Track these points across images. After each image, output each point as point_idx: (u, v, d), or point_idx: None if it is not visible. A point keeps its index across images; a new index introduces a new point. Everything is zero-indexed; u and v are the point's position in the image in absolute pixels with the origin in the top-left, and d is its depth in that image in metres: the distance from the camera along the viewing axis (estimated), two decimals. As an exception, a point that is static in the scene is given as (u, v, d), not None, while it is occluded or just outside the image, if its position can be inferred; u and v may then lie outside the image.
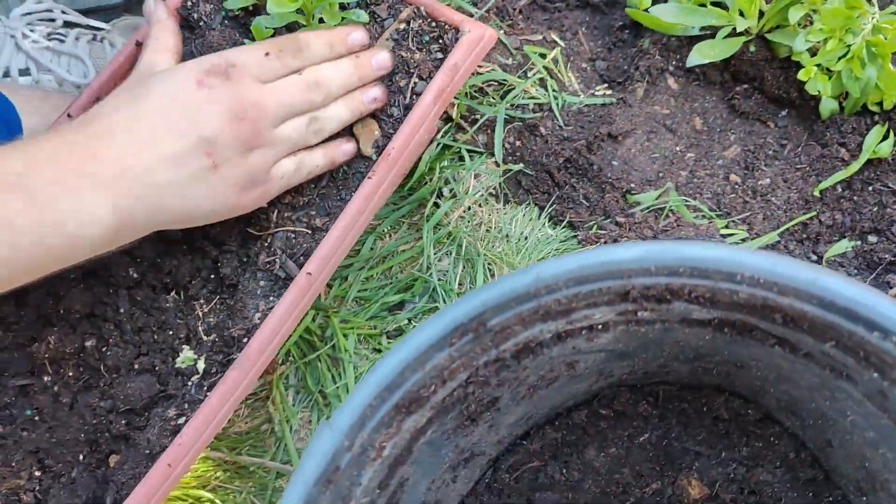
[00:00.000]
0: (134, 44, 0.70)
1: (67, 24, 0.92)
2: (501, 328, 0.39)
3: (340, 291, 0.80)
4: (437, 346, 0.39)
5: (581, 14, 0.89)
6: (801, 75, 0.71)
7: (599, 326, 0.42)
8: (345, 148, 0.64)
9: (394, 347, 0.39)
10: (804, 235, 0.74)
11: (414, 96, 0.66)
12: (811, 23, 0.72)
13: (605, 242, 0.75)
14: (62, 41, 0.88)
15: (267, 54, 0.58)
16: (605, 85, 0.83)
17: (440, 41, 0.67)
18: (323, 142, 0.63)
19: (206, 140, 0.54)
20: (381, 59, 0.64)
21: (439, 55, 0.67)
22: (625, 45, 0.86)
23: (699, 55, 0.70)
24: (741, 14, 0.73)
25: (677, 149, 0.79)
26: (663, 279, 0.36)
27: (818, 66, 0.71)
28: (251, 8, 0.66)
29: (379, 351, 0.77)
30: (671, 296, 0.38)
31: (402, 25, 0.68)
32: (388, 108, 0.67)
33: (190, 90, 0.55)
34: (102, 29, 0.92)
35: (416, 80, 0.66)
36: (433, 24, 0.68)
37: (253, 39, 0.64)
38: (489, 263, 0.77)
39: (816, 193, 0.73)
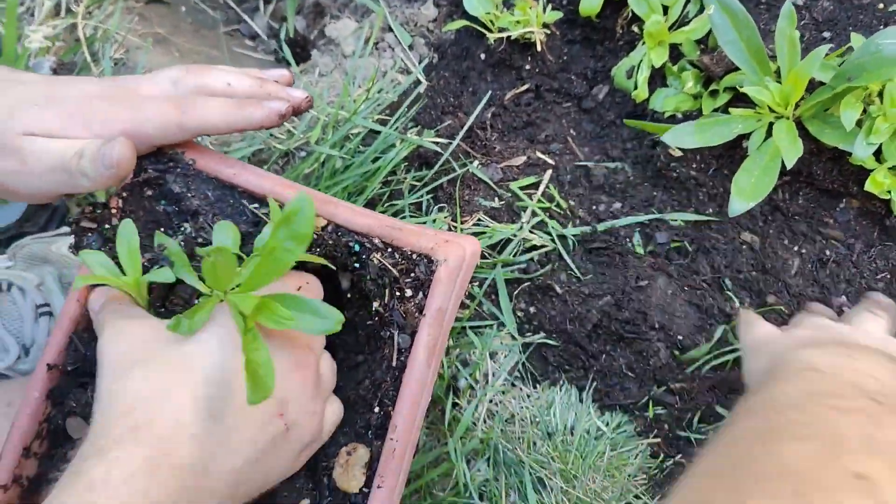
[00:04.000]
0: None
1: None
2: None
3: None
4: None
5: (560, 108, 0.72)
6: (869, 186, 0.56)
7: None
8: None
9: None
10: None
11: (401, 355, 0.52)
12: (862, 115, 0.56)
13: (668, 428, 0.62)
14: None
15: None
16: (616, 200, 0.68)
17: (412, 274, 0.52)
18: None
19: (280, 400, 0.45)
20: None
21: (418, 295, 0.52)
22: (637, 143, 0.70)
23: (741, 198, 0.55)
24: (771, 111, 0.58)
25: (723, 275, 0.65)
26: None
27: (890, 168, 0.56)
28: None
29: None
30: None
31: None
32: (376, 373, 0.53)
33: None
34: None
35: (398, 333, 0.52)
36: (398, 255, 0.52)
37: None
38: (537, 474, 0.64)
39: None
